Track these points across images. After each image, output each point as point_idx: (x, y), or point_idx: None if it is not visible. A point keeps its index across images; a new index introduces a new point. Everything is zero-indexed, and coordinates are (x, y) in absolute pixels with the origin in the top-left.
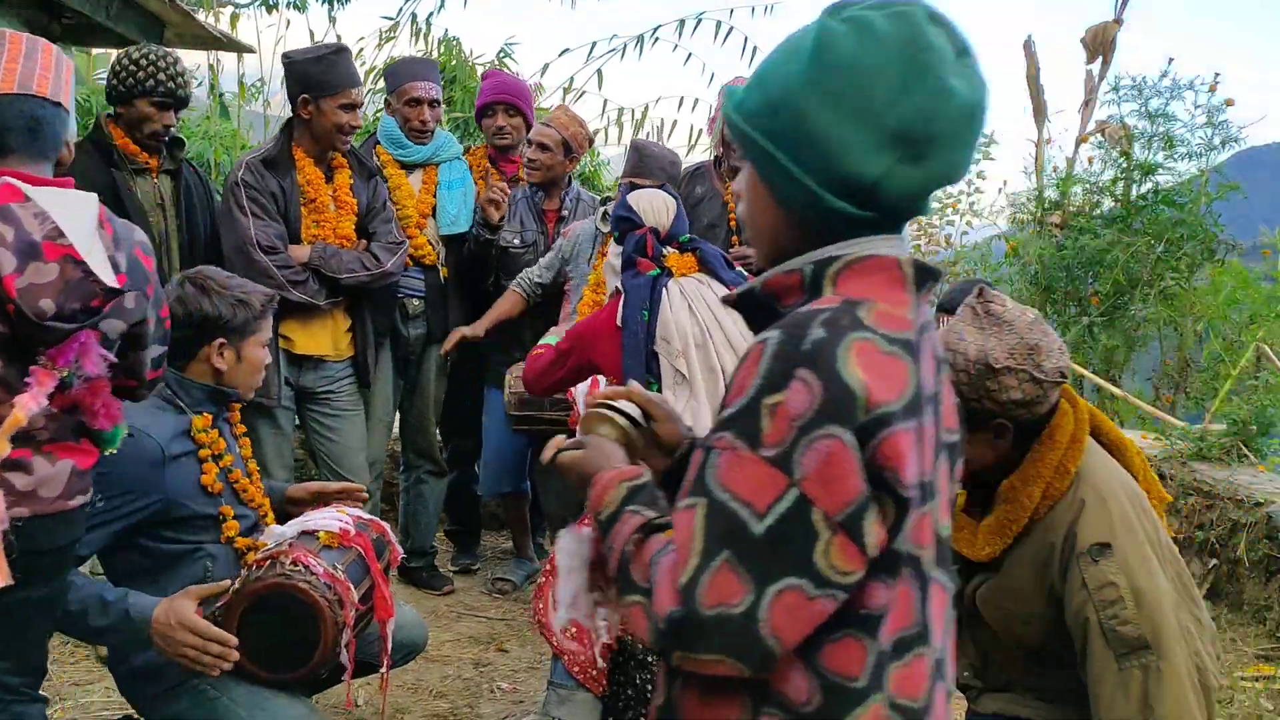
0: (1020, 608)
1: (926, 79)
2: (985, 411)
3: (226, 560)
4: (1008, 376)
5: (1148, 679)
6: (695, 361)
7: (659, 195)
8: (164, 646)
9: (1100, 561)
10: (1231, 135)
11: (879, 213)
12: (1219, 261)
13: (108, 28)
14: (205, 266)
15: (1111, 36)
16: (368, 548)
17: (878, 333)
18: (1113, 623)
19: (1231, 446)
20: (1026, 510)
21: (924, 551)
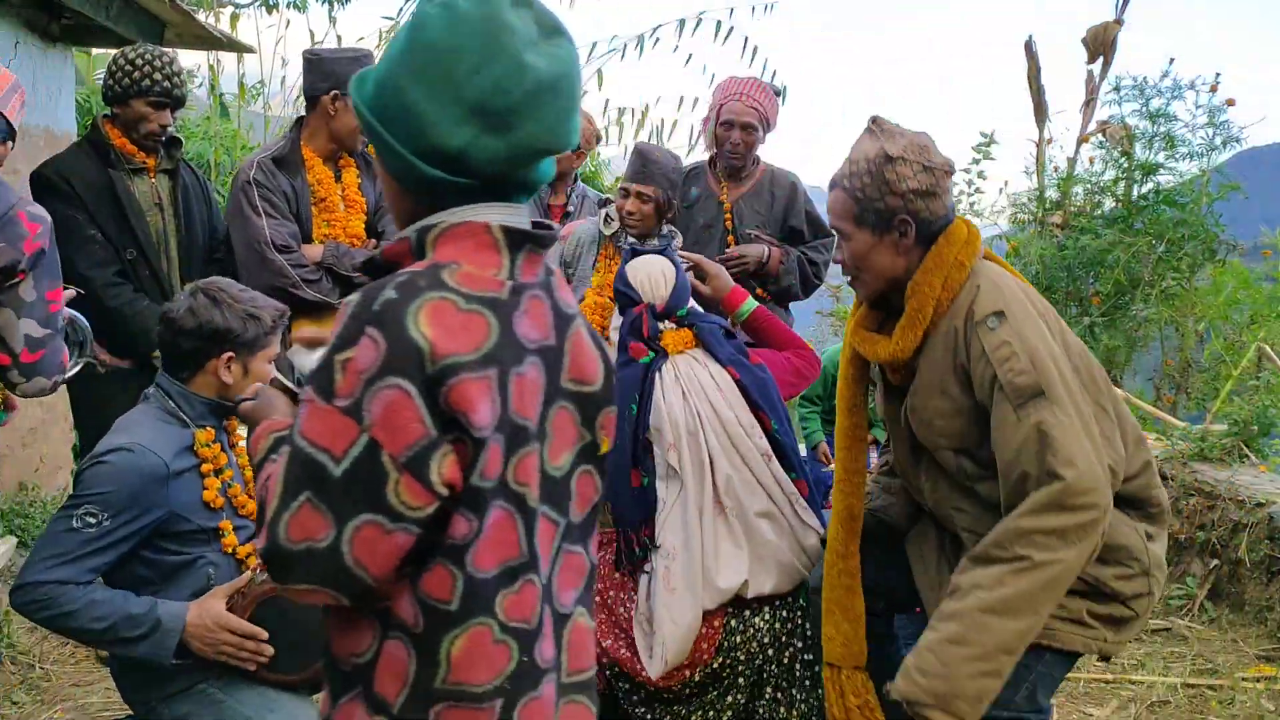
0: (941, 403)
1: (501, 56)
2: (889, 209)
3: (228, 567)
4: (903, 166)
5: (1042, 420)
6: (686, 453)
7: (657, 266)
8: (202, 647)
9: (996, 328)
10: (1232, 135)
11: (478, 179)
12: (1220, 262)
13: (107, 28)
14: (218, 277)
15: (1112, 37)
16: None
17: (458, 292)
18: (1009, 375)
19: (1233, 447)
20: (930, 299)
21: (527, 489)
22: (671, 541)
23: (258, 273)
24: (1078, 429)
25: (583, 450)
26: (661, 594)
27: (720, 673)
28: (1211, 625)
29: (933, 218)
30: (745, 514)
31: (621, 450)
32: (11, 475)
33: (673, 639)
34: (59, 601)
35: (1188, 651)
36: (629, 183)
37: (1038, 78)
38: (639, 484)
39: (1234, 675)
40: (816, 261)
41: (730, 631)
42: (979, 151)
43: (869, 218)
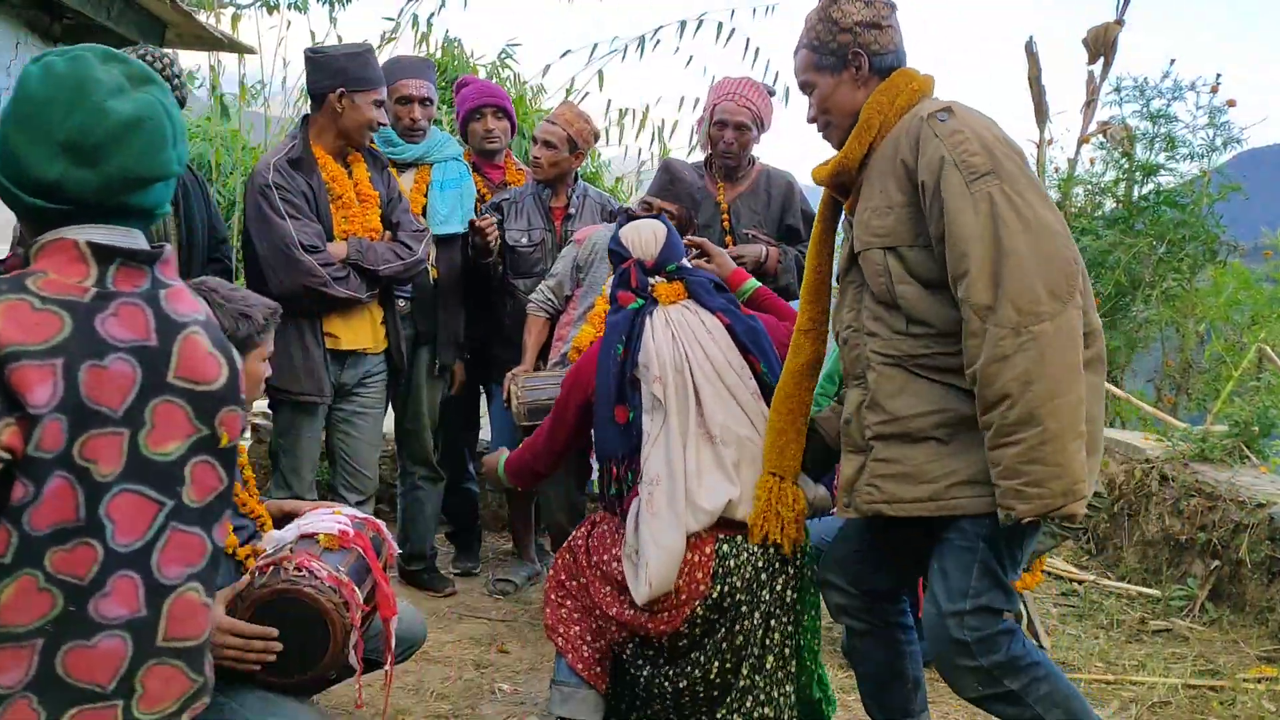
0: (878, 202)
1: (86, 103)
2: (841, 45)
3: (228, 569)
4: (846, 4)
5: (994, 198)
6: (671, 387)
7: (648, 225)
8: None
9: (947, 120)
10: (1233, 136)
11: (74, 205)
12: (1221, 262)
13: (109, 28)
14: (208, 277)
15: (1113, 37)
16: (367, 547)
17: (36, 294)
18: (962, 154)
19: (1233, 448)
20: (878, 113)
21: (95, 464)
22: (655, 469)
23: (287, 274)
24: (1025, 205)
25: (199, 442)
26: (646, 518)
27: (721, 603)
28: (1213, 626)
29: (881, 49)
30: (736, 437)
31: (605, 386)
32: None
33: (655, 560)
34: None
35: (1189, 652)
36: (653, 198)
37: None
38: (625, 420)
39: (1235, 676)
40: None
41: (723, 557)
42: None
43: (827, 60)
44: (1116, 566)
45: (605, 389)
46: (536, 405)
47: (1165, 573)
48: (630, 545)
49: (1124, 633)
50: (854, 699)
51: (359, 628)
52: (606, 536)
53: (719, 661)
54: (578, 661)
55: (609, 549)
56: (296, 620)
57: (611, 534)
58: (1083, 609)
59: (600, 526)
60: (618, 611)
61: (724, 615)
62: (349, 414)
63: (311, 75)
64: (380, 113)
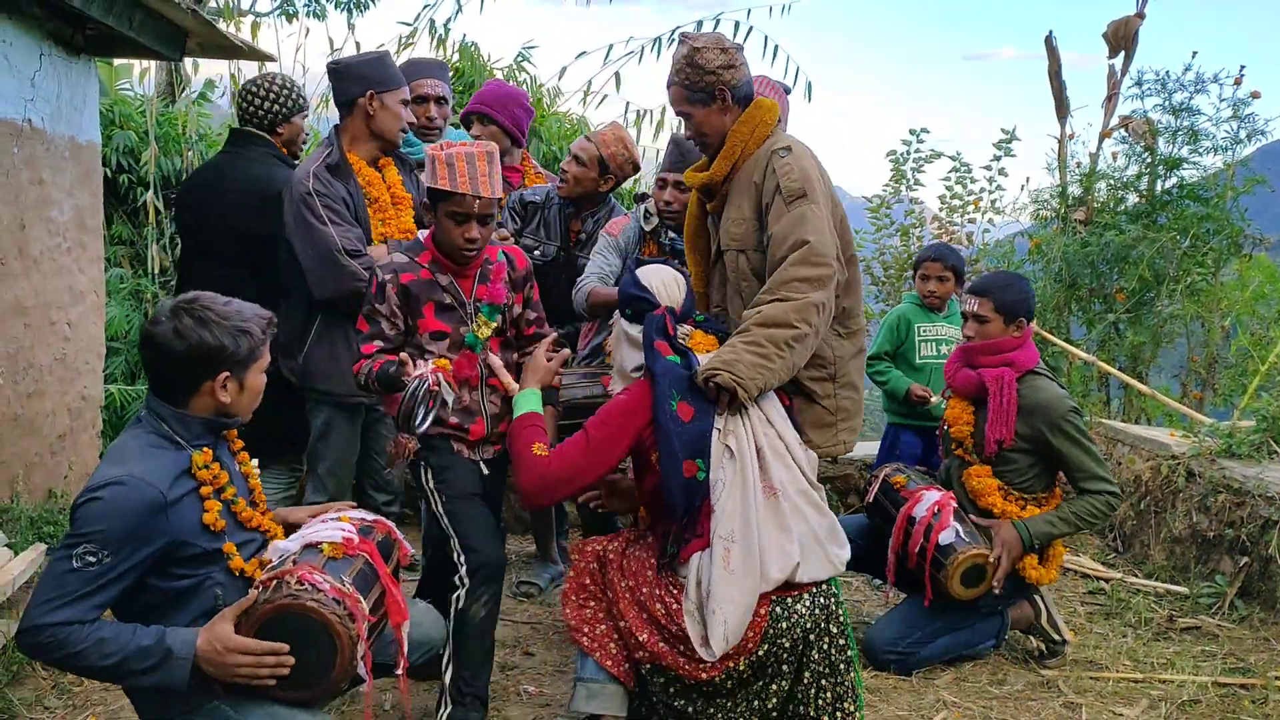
0: (736, 214)
1: None
2: (708, 84)
3: (235, 586)
4: (706, 51)
5: (805, 211)
6: (742, 439)
7: (668, 273)
8: (216, 673)
9: (785, 157)
10: (1258, 128)
11: None
12: (1246, 256)
13: (131, 38)
14: (200, 293)
15: (1134, 31)
16: (373, 553)
17: None
18: (786, 181)
19: (1261, 443)
20: (740, 141)
21: None
22: (730, 525)
23: (334, 280)
24: (823, 221)
25: None
26: (721, 574)
27: (765, 660)
28: (1242, 624)
29: (738, 83)
30: (789, 494)
31: (670, 442)
32: (41, 483)
33: (734, 619)
34: (66, 643)
35: (1218, 650)
36: (666, 173)
37: (1059, 73)
38: (692, 474)
39: (1266, 674)
40: None
41: (775, 618)
42: (1000, 148)
43: (697, 96)
44: (1144, 564)
45: (670, 445)
46: (573, 403)
47: (1193, 570)
48: (693, 600)
49: (1152, 631)
50: (877, 698)
51: (365, 639)
52: (646, 566)
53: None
54: (606, 659)
55: (646, 580)
56: (302, 635)
57: (648, 561)
58: (1110, 607)
59: (635, 549)
60: (649, 640)
61: (763, 672)
62: (382, 415)
63: (337, 86)
64: (409, 111)
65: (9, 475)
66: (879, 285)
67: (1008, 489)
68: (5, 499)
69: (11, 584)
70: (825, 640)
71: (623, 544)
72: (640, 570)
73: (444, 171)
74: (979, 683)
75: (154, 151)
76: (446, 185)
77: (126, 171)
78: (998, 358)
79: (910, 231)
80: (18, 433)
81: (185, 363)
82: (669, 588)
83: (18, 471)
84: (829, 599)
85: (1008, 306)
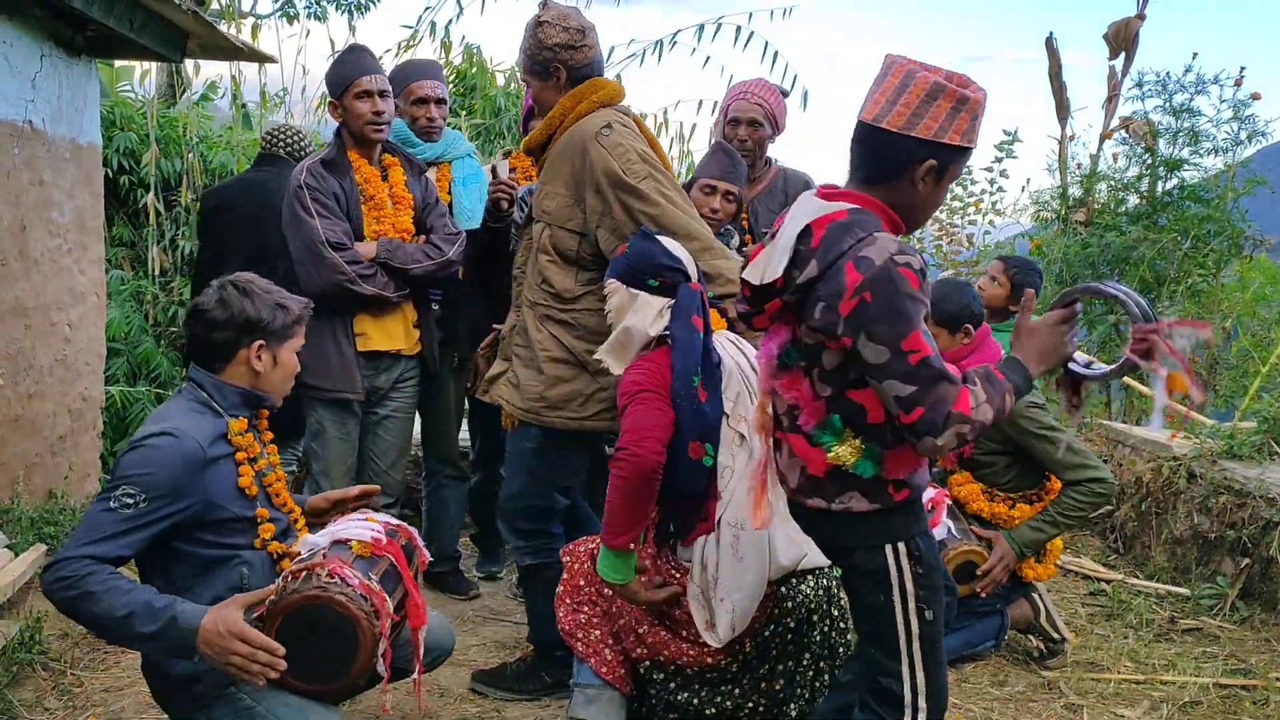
0: (550, 189)
1: None
2: (544, 60)
3: (262, 567)
4: (549, 27)
5: (649, 199)
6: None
7: (675, 243)
8: (212, 654)
9: (609, 135)
10: (1258, 129)
11: None
12: (1246, 257)
13: (131, 39)
14: (242, 273)
15: (1134, 32)
16: (399, 555)
17: None
18: (624, 164)
19: (1262, 444)
20: (560, 112)
21: None
22: (739, 512)
23: (316, 271)
24: (678, 207)
25: None
26: (730, 562)
27: (769, 641)
28: (1244, 625)
29: (577, 65)
30: None
31: (685, 420)
32: (41, 483)
33: (742, 607)
34: (86, 581)
35: (1219, 651)
36: (718, 180)
37: (1059, 74)
38: (698, 456)
39: (1268, 675)
40: None
41: (780, 599)
42: (1001, 149)
43: (535, 68)
44: (1145, 565)
45: (685, 421)
46: None
47: (1194, 571)
48: (699, 584)
49: (1153, 632)
50: None
51: (388, 636)
52: (642, 555)
53: (753, 701)
54: (601, 665)
55: (642, 566)
56: (327, 628)
57: (644, 550)
58: (1111, 608)
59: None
60: (650, 632)
61: (767, 654)
62: (381, 418)
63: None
64: (371, 102)
65: (9, 476)
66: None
67: (992, 491)
68: (5, 500)
69: (12, 585)
70: (826, 622)
71: None
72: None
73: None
74: (980, 684)
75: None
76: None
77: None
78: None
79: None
80: (18, 434)
81: (225, 329)
82: (670, 571)
83: (18, 472)
84: (831, 580)
85: (947, 317)
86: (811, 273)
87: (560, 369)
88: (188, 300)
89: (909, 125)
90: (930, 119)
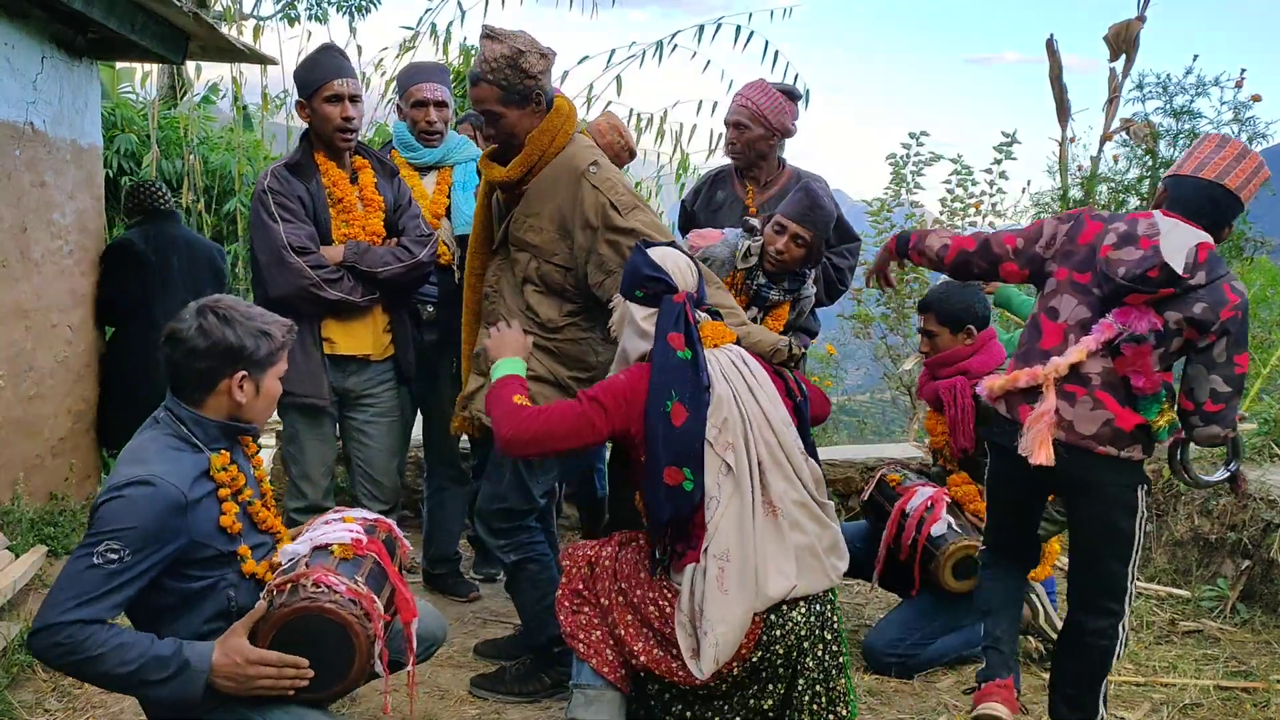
0: (535, 223)
1: None
2: (527, 88)
3: (248, 586)
4: (530, 55)
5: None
6: (742, 452)
7: (681, 256)
8: (233, 686)
9: (597, 172)
10: (1259, 131)
11: None
12: (1248, 259)
13: (133, 41)
14: (223, 295)
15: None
16: (381, 552)
17: None
18: (615, 196)
19: (1263, 446)
20: (539, 148)
21: None
22: (725, 544)
23: (279, 277)
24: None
25: None
26: (715, 595)
27: (759, 667)
28: (1244, 627)
29: (547, 87)
30: (788, 508)
31: (655, 444)
32: (42, 485)
33: (724, 640)
34: (84, 645)
35: (1220, 654)
36: (791, 221)
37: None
38: (675, 483)
39: (1268, 678)
40: (841, 267)
41: (770, 626)
42: (1001, 151)
43: (514, 97)
44: (1145, 567)
45: (656, 448)
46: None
47: (1195, 573)
48: (685, 613)
49: (1154, 634)
50: (878, 701)
51: (382, 638)
52: (639, 568)
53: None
54: (603, 666)
55: (640, 581)
56: (320, 637)
57: (641, 564)
58: None
59: (626, 551)
60: (643, 648)
61: (756, 677)
62: (361, 423)
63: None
64: (340, 107)
65: (10, 478)
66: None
67: None
68: (6, 501)
69: (12, 586)
70: (820, 647)
71: (615, 548)
72: (634, 572)
73: None
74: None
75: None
76: None
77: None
78: (953, 367)
79: None
80: (19, 435)
81: (206, 359)
82: (663, 590)
83: (18, 474)
84: (825, 606)
85: (952, 317)
86: (1200, 280)
87: (542, 387)
88: None
89: (1240, 189)
90: (1250, 189)
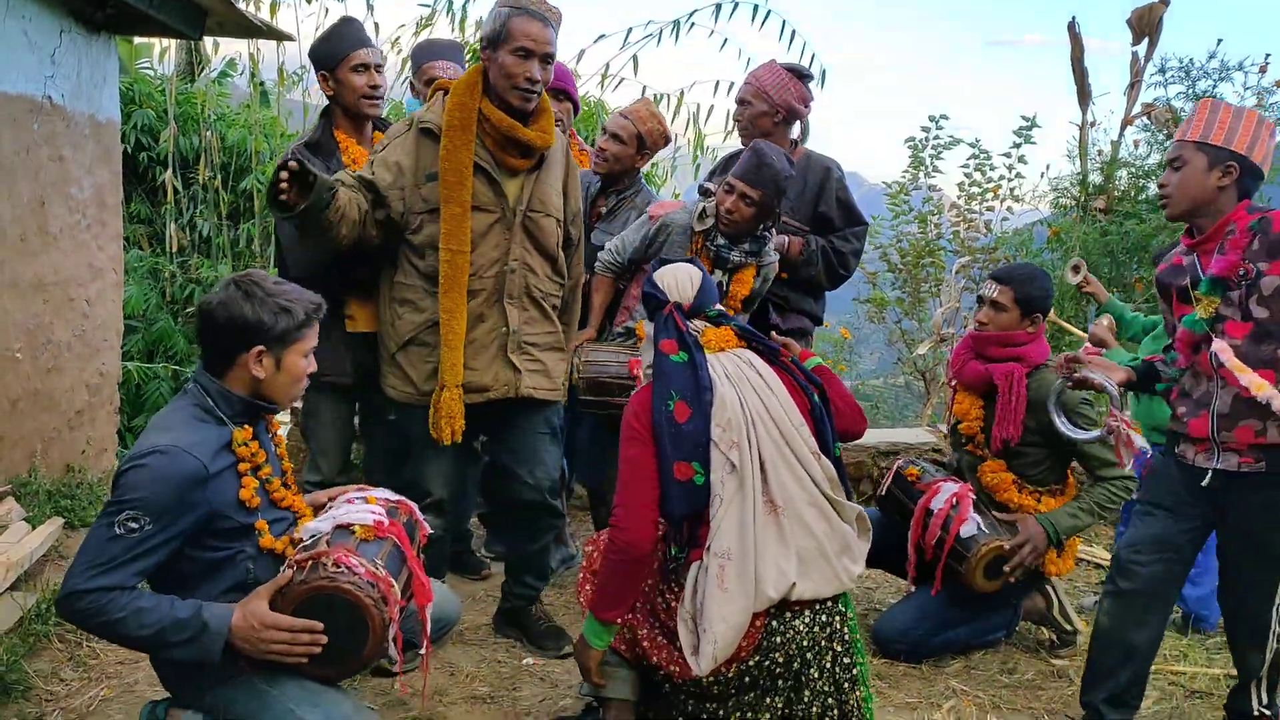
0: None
1: None
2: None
3: (266, 561)
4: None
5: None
6: (746, 450)
7: (683, 268)
8: (249, 648)
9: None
10: None
11: None
12: None
13: (151, 16)
14: (252, 270)
15: (1157, 17)
16: (402, 536)
17: None
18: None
19: None
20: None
21: None
22: (726, 542)
23: (301, 256)
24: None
25: None
26: (715, 592)
27: (756, 672)
28: None
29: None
30: (796, 507)
31: (663, 442)
32: (59, 457)
33: (723, 639)
34: (107, 609)
35: None
36: (737, 180)
37: (1081, 60)
38: (686, 478)
39: None
40: (844, 251)
41: (770, 632)
42: (1020, 135)
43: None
44: None
45: (664, 445)
46: (600, 380)
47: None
48: (687, 610)
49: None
50: (887, 685)
51: (397, 621)
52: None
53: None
54: (620, 642)
55: (651, 570)
56: (336, 616)
57: (655, 556)
58: None
59: None
60: (647, 635)
61: (754, 684)
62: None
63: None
64: (368, 75)
65: (28, 450)
66: (895, 272)
67: (1022, 482)
68: (23, 473)
69: (29, 557)
70: (828, 658)
71: None
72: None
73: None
74: (989, 671)
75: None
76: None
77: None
78: (1007, 350)
79: (928, 219)
80: (37, 408)
81: (223, 332)
82: (671, 585)
83: (36, 446)
84: (833, 616)
85: (1028, 300)
86: None
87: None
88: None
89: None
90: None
